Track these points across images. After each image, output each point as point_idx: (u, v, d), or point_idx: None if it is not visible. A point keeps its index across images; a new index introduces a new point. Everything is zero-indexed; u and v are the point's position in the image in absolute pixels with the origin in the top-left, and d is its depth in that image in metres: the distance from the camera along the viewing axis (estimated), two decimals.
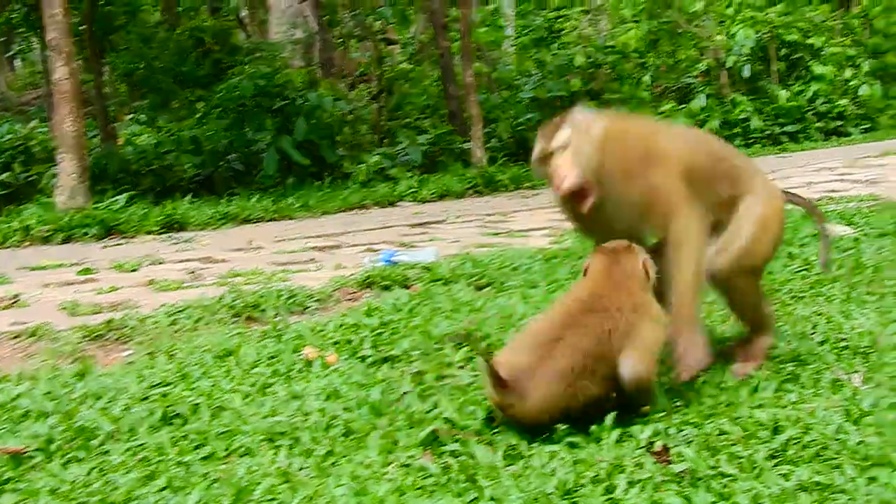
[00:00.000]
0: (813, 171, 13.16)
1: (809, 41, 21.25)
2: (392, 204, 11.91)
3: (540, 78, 17.81)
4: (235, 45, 16.68)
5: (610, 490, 2.87)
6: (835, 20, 23.86)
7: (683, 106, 19.86)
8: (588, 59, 18.00)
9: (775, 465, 2.96)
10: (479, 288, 6.08)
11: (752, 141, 19.45)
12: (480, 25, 20.39)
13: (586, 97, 17.79)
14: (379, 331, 4.86)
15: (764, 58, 21.28)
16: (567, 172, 3.72)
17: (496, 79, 19.64)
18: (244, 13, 19.51)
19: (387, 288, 6.16)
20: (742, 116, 19.80)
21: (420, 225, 9.71)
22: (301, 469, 3.20)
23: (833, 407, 3.39)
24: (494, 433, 3.37)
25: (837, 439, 3.10)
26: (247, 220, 11.01)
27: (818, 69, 20.88)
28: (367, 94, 16.84)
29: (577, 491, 2.85)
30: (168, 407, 3.80)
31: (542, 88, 17.32)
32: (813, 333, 4.46)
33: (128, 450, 3.41)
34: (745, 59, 20.67)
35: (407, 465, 3.17)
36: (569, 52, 18.26)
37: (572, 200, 3.78)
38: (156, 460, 3.30)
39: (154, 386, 4.16)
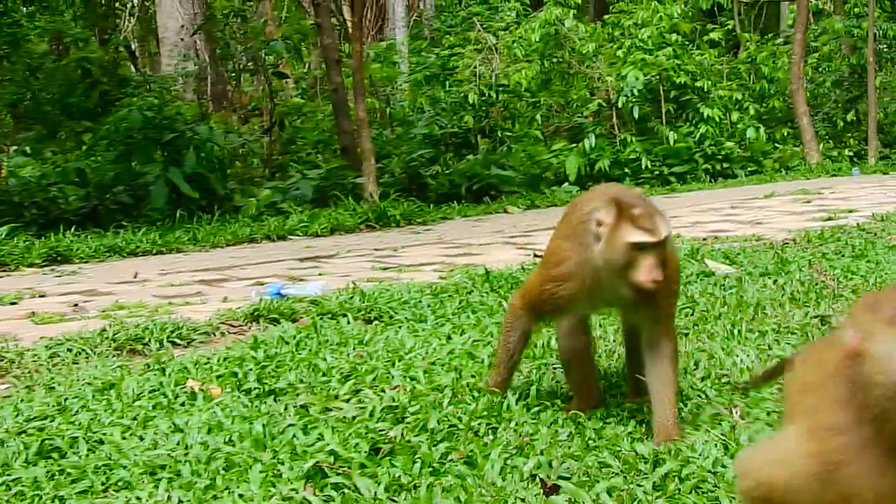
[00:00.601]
0: (699, 211, 13.51)
1: (698, 84, 21.83)
2: (282, 238, 11.82)
3: (433, 114, 17.96)
4: (125, 76, 16.46)
5: None
6: (722, 64, 24.62)
7: (575, 145, 20.21)
8: (481, 96, 18.23)
9: (655, 499, 3.02)
10: (368, 321, 6.07)
11: (641, 181, 19.86)
12: (374, 61, 20.50)
13: (479, 134, 18.01)
14: (264, 364, 4.81)
15: (654, 99, 21.81)
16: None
17: (390, 114, 19.73)
18: (134, 45, 19.23)
19: (274, 321, 6.10)
20: (632, 156, 20.22)
21: (310, 259, 9.66)
22: (181, 502, 3.15)
23: (712, 441, 3.47)
24: (379, 465, 3.37)
25: (715, 472, 3.18)
26: (133, 254, 10.79)
27: (706, 111, 21.45)
28: (259, 127, 16.74)
29: None
30: (45, 441, 3.69)
31: (436, 125, 17.46)
32: (695, 369, 4.56)
33: (2, 484, 3.30)
34: (635, 100, 21.15)
35: (288, 499, 3.14)
36: (462, 90, 18.47)
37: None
38: (31, 495, 3.21)
39: (31, 419, 4.05)
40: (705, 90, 21.84)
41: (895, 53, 29.12)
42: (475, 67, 19.89)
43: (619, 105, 21.20)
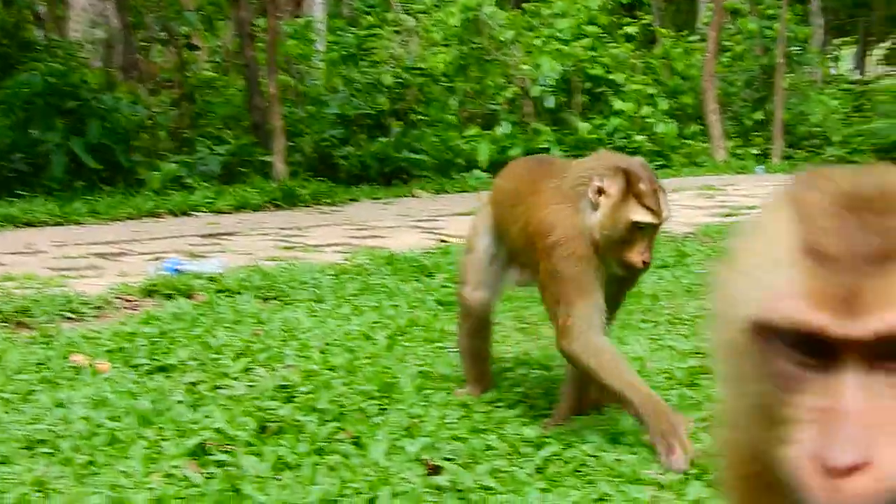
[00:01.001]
0: None
1: (612, 77, 22.08)
2: (186, 213, 11.60)
3: (347, 94, 17.83)
4: (28, 40, 15.94)
5: (372, 501, 2.88)
6: (637, 58, 24.90)
7: (487, 132, 20.26)
8: (396, 79, 18.15)
9: (536, 480, 3.04)
10: (265, 300, 6.01)
11: None
12: (291, 38, 20.26)
13: (392, 117, 17.94)
14: (156, 340, 4.74)
15: (568, 90, 21.98)
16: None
17: (303, 93, 19.52)
18: (41, 8, 18.71)
19: (169, 297, 6.00)
20: (544, 146, 20.33)
21: (213, 236, 9.51)
22: (58, 478, 3.08)
23: (594, 426, 3.51)
24: (265, 444, 3.33)
25: (596, 456, 3.22)
26: (29, 224, 10.48)
27: (618, 104, 21.70)
28: (168, 100, 16.41)
29: (338, 501, 2.85)
30: None
31: (349, 105, 17.34)
32: None
33: None
34: (549, 89, 21.29)
35: (170, 475, 3.09)
36: (378, 71, 18.36)
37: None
38: None
39: None
40: (619, 83, 22.08)
41: (804, 56, 29.78)
42: (392, 49, 19.79)
43: (534, 94, 21.31)
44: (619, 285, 3.63)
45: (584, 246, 3.41)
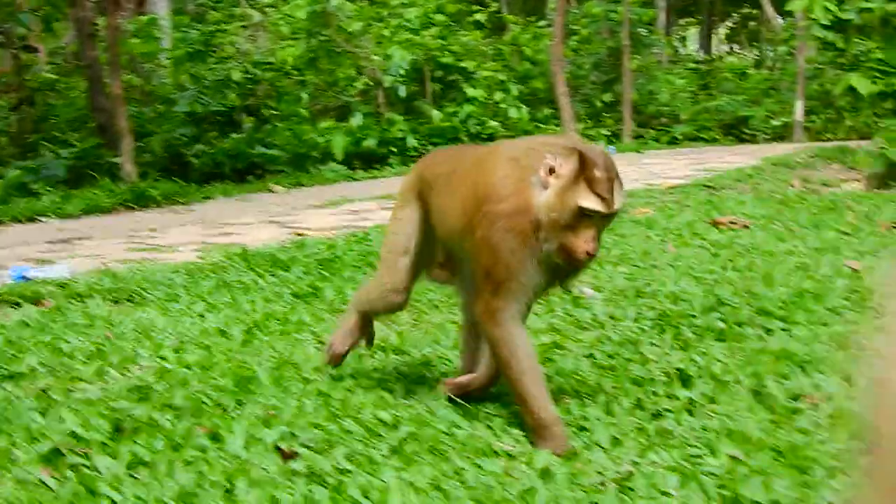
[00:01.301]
0: None
1: (463, 64, 22.29)
2: (32, 220, 11.27)
3: (196, 92, 17.54)
4: None
5: (230, 491, 2.89)
6: (487, 46, 25.22)
7: (342, 124, 20.24)
8: (246, 74, 17.94)
9: (392, 461, 3.11)
10: (117, 302, 5.91)
11: (407, 159, 20.13)
12: (134, 36, 19.80)
13: (244, 113, 17.75)
14: (3, 349, 4.62)
15: (419, 79, 22.11)
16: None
17: (150, 92, 19.13)
18: None
19: (16, 305, 5.85)
20: (398, 135, 20.44)
21: (62, 241, 9.26)
22: None
23: (451, 405, 3.60)
24: (120, 444, 3.31)
25: (451, 434, 3.30)
26: None
27: (470, 91, 21.93)
28: (7, 104, 15.87)
29: (196, 495, 2.86)
30: None
31: (199, 103, 17.07)
32: (444, 339, 4.70)
33: None
34: (401, 79, 21.39)
35: (23, 481, 3.05)
36: (226, 67, 18.11)
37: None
38: None
39: None
40: (470, 71, 22.32)
41: (649, 38, 30.66)
42: (240, 45, 19.55)
43: (386, 84, 21.39)
44: (554, 277, 3.37)
45: (529, 225, 3.20)
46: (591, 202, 3.08)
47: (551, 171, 3.15)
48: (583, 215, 3.10)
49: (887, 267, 3.39)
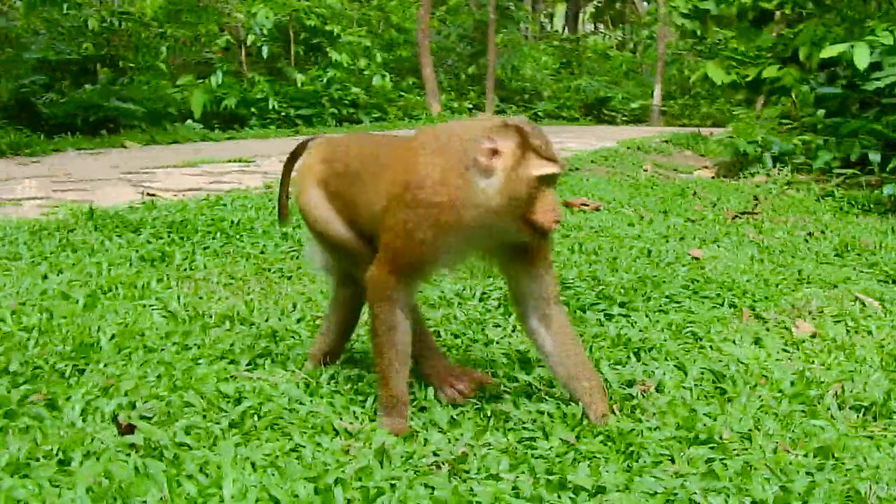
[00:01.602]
0: None
1: (328, 28, 22.08)
2: None
3: (49, 38, 16.91)
4: None
5: (65, 462, 2.85)
6: (354, 10, 25.03)
7: (202, 81, 19.84)
8: (103, 23, 17.38)
9: (232, 435, 3.11)
10: None
11: (267, 121, 19.88)
12: None
13: (99, 63, 17.21)
14: None
15: (284, 40, 21.82)
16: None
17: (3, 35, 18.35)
18: None
19: None
20: (259, 96, 20.16)
21: None
22: None
23: (295, 381, 3.61)
24: None
25: (292, 410, 3.32)
26: None
27: (335, 56, 21.75)
28: None
29: (28, 465, 2.80)
30: None
31: (52, 50, 16.47)
32: (293, 311, 4.70)
33: None
34: (264, 39, 21.08)
35: None
36: (83, 14, 17.50)
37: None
38: None
39: None
40: (335, 35, 22.14)
41: (517, 13, 30.94)
42: None
43: (249, 43, 21.05)
44: (527, 256, 3.31)
45: (451, 218, 3.10)
46: (546, 168, 3.05)
47: (493, 152, 3.06)
48: (541, 183, 3.06)
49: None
